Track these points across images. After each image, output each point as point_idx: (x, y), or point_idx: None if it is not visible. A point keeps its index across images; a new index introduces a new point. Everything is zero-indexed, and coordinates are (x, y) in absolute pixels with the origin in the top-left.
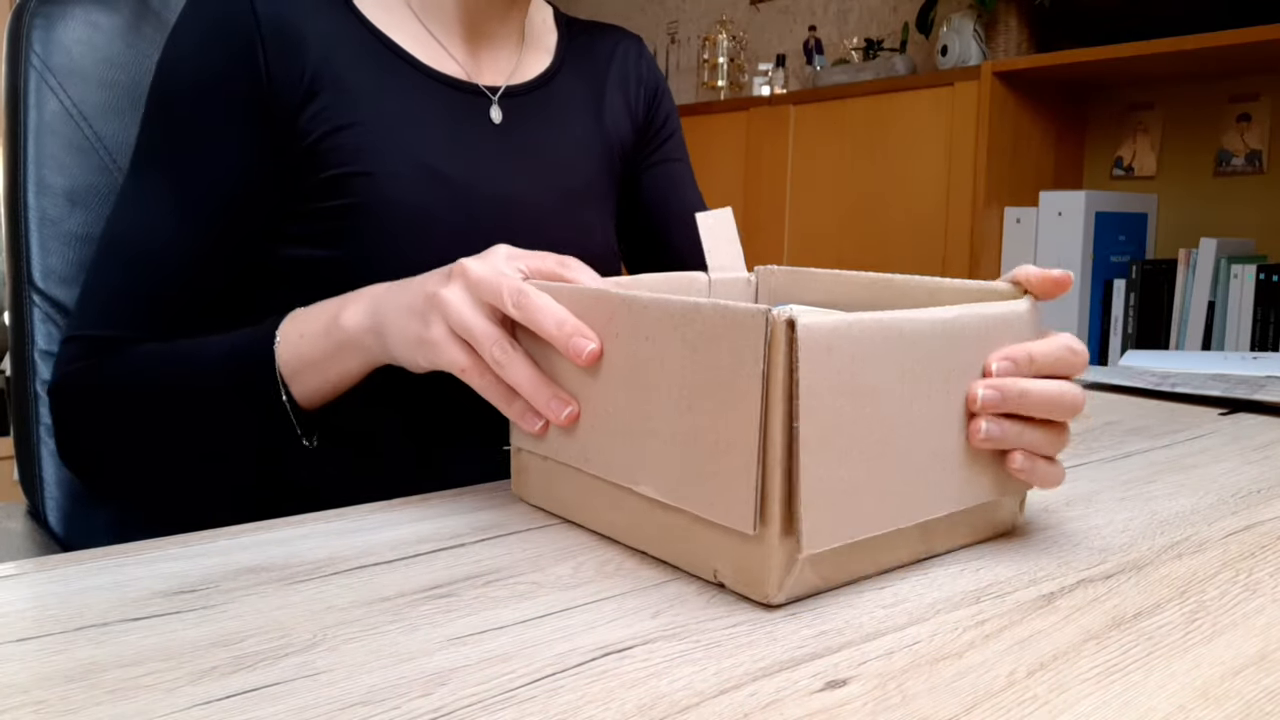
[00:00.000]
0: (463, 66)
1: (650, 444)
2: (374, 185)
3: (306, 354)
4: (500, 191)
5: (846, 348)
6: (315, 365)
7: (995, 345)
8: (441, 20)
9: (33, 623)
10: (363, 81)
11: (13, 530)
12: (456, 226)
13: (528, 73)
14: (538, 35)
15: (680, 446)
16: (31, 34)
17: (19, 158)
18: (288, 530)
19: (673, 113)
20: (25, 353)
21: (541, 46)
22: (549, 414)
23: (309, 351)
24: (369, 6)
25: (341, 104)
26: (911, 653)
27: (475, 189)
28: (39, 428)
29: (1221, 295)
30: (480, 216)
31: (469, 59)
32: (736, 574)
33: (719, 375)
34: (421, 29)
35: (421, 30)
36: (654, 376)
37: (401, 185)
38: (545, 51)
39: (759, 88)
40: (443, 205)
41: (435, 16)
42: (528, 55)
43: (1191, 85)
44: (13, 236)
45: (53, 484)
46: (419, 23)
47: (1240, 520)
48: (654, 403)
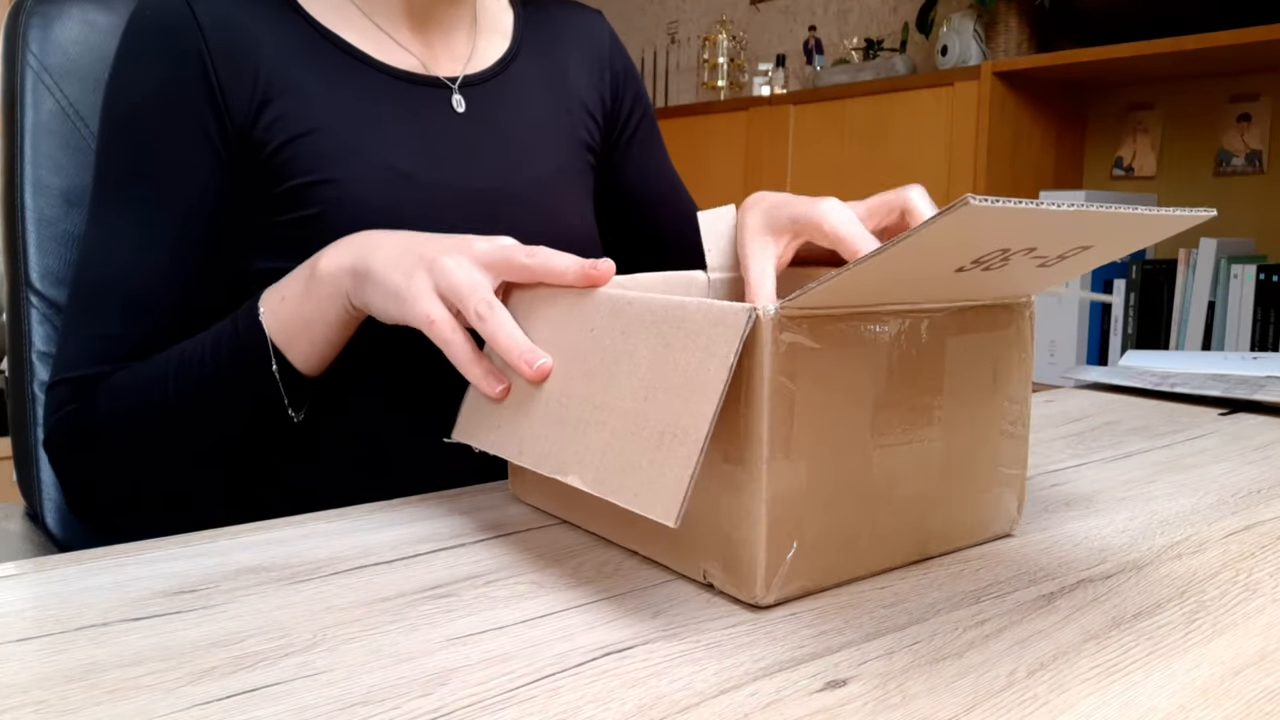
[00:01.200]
0: (418, 58)
1: (593, 434)
2: (339, 191)
3: (291, 315)
4: (468, 185)
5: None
6: (303, 324)
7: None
8: (388, 12)
9: (33, 623)
10: (316, 85)
11: (11, 531)
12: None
13: (484, 59)
14: (492, 18)
15: (624, 436)
16: (28, 33)
17: (15, 158)
18: (288, 530)
19: (642, 92)
20: (23, 353)
21: (496, 29)
22: (523, 366)
23: (293, 313)
24: (313, 5)
25: (297, 110)
26: (911, 653)
27: (442, 184)
28: (37, 429)
29: (1221, 295)
30: (449, 212)
31: (423, 50)
32: (725, 575)
33: (687, 367)
34: (369, 24)
35: (369, 25)
36: (621, 369)
37: (367, 188)
38: (501, 35)
39: (759, 88)
40: (410, 204)
41: (380, 9)
42: (483, 40)
43: (1191, 85)
44: (9, 237)
45: (50, 485)
46: (365, 18)
47: (1240, 520)
48: (611, 392)
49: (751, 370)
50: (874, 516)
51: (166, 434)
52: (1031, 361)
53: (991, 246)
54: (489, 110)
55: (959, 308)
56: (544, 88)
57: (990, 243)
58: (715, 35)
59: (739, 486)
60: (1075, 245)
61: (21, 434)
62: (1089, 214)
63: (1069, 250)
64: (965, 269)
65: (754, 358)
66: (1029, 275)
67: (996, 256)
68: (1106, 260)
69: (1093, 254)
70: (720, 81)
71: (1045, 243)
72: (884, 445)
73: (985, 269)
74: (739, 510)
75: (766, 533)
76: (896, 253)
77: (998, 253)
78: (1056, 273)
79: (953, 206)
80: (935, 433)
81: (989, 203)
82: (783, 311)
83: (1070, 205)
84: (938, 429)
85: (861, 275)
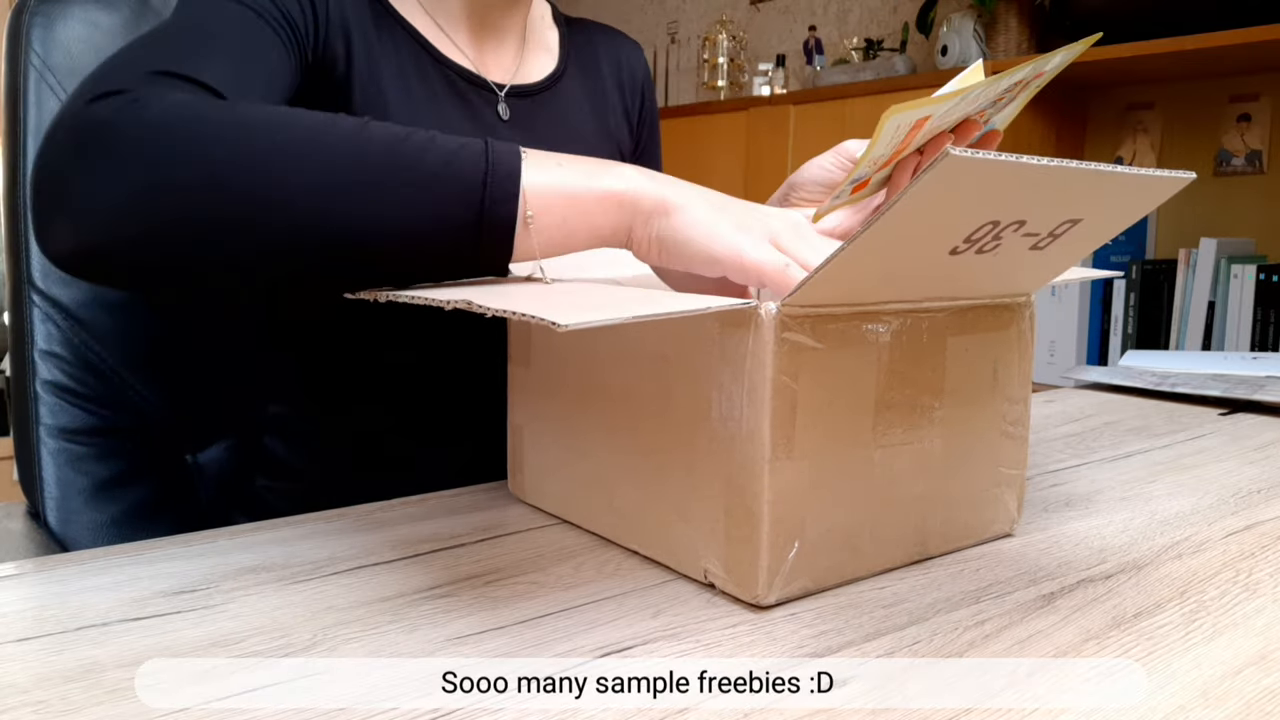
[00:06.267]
0: (470, 61)
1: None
2: None
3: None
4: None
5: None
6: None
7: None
8: (448, 12)
9: (33, 623)
10: (389, 67)
11: (13, 530)
12: None
13: (533, 73)
14: (539, 32)
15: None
16: (31, 33)
17: (19, 157)
18: (288, 530)
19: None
20: (25, 353)
21: (543, 45)
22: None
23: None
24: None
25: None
26: (911, 653)
27: None
28: (39, 428)
29: (1221, 295)
30: None
31: (476, 54)
32: (726, 574)
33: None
34: (430, 20)
35: (430, 22)
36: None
37: None
38: (548, 51)
39: (759, 88)
40: None
41: (441, 7)
42: (531, 54)
43: (1191, 85)
44: (12, 236)
45: (52, 484)
46: (427, 14)
47: (1240, 520)
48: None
49: (753, 370)
50: (875, 516)
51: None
52: (1031, 361)
53: (981, 218)
54: (533, 122)
55: (959, 308)
56: (588, 108)
57: (979, 212)
58: (715, 35)
59: (740, 486)
60: (1064, 218)
61: (23, 433)
62: (1071, 170)
63: (1059, 226)
64: (959, 250)
65: (756, 357)
66: (1024, 261)
67: (988, 234)
68: (1099, 239)
69: (1084, 230)
70: (720, 81)
71: (1033, 213)
72: (885, 445)
73: (979, 251)
74: (740, 510)
75: (768, 532)
76: (889, 219)
77: (988, 227)
78: (1051, 258)
79: (935, 161)
80: (935, 433)
81: (970, 154)
82: (784, 311)
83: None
84: (938, 429)
85: (857, 254)
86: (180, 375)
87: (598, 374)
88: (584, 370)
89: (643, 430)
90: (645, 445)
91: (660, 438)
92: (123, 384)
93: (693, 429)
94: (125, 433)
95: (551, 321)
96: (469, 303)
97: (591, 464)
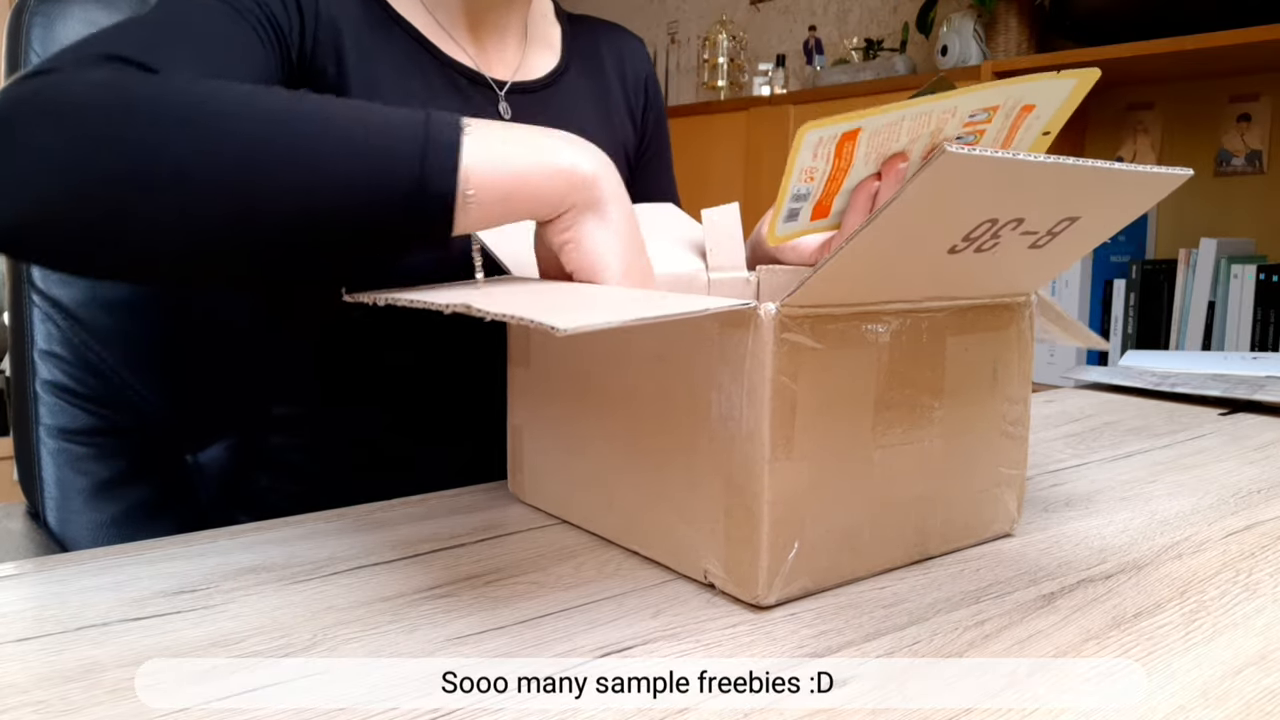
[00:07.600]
0: (471, 58)
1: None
2: None
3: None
4: None
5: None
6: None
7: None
8: (448, 9)
9: (33, 623)
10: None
11: (13, 530)
12: None
13: (534, 70)
14: (541, 29)
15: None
16: (31, 32)
17: None
18: (288, 530)
19: (665, 117)
20: (25, 353)
21: (545, 42)
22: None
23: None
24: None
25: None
26: (911, 653)
27: None
28: (39, 428)
29: (1221, 295)
30: None
31: (476, 52)
32: (726, 574)
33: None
34: (430, 18)
35: (430, 20)
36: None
37: None
38: (549, 48)
39: (759, 88)
40: None
41: (442, 6)
42: (533, 51)
43: (1191, 85)
44: None
45: (52, 484)
46: (428, 12)
47: (1240, 520)
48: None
49: (753, 370)
50: (875, 516)
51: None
52: (1031, 361)
53: (979, 216)
54: (534, 119)
55: (959, 307)
56: (591, 105)
57: (976, 210)
58: (715, 35)
59: (740, 486)
60: (1063, 216)
61: (23, 433)
62: (1068, 168)
63: (1057, 224)
64: (958, 249)
65: (756, 358)
66: (1023, 260)
67: (986, 232)
68: (1097, 238)
69: (1082, 228)
70: (720, 81)
71: (1031, 211)
72: (885, 445)
73: (978, 250)
74: (740, 510)
75: (768, 532)
76: (887, 218)
77: (986, 225)
78: (1050, 256)
79: (932, 159)
80: (935, 433)
81: (967, 150)
82: (784, 311)
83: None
84: (938, 429)
85: (856, 252)
86: (180, 375)
87: (597, 375)
88: (584, 371)
89: (642, 431)
90: (645, 446)
91: (660, 438)
92: (123, 384)
93: (692, 429)
94: (125, 433)
95: (550, 326)
96: (468, 306)
97: (591, 464)
